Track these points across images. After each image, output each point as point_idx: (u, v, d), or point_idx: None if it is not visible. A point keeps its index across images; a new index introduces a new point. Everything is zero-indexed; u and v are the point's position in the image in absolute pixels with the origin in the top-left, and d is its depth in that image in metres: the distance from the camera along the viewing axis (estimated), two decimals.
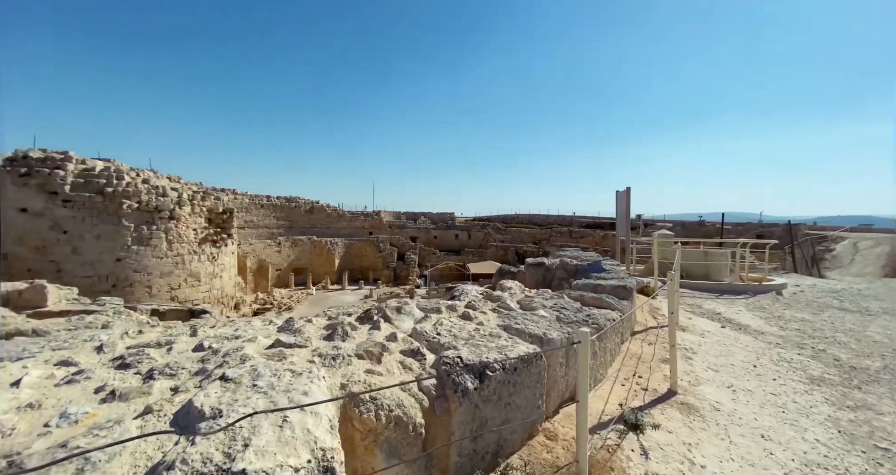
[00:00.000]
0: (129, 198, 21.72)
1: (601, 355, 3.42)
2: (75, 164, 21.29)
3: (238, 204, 35.19)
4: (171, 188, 24.75)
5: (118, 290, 21.40)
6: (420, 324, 2.72)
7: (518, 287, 4.72)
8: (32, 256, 19.59)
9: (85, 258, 20.74)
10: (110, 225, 21.10)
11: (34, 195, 19.48)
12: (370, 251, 39.78)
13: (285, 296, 33.10)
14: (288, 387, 1.53)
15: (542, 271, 7.03)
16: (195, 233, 25.54)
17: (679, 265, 7.44)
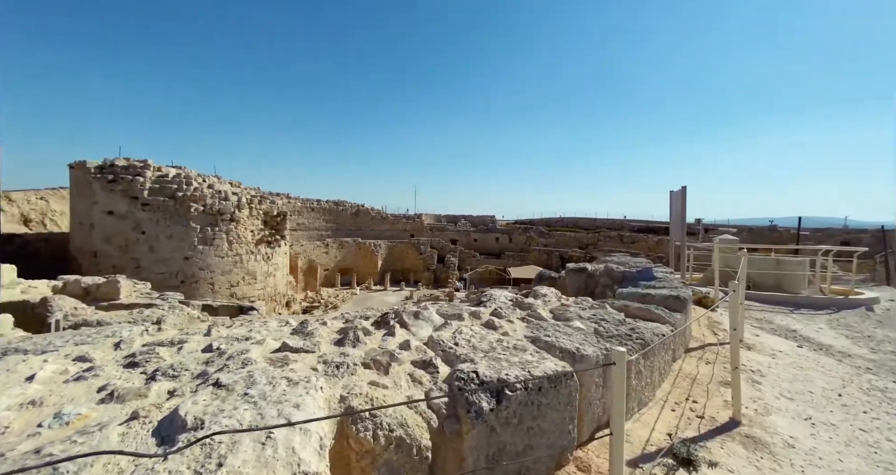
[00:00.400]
0: (196, 201, 23.69)
1: (646, 375, 3.02)
2: (152, 171, 23.59)
3: (291, 207, 37.30)
4: (231, 192, 26.67)
5: (186, 286, 23.39)
6: (438, 331, 2.53)
7: (554, 294, 4.37)
8: (117, 254, 21.97)
9: (159, 256, 22.85)
10: (180, 226, 23.11)
11: (119, 199, 21.82)
12: (411, 253, 40.33)
13: (332, 296, 34.39)
14: (280, 397, 1.42)
15: (584, 277, 6.55)
16: (252, 234, 27.30)
17: (745, 274, 6.60)
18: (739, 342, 4.70)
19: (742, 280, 5.03)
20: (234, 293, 25.47)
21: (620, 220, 39.70)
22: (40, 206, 24.98)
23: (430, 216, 45.39)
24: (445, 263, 39.67)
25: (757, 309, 6.97)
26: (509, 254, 41.50)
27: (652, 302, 4.33)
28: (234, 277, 25.62)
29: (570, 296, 6.46)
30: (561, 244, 40.09)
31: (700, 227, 25.73)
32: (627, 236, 34.37)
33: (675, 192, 6.27)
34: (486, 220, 45.54)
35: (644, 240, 32.78)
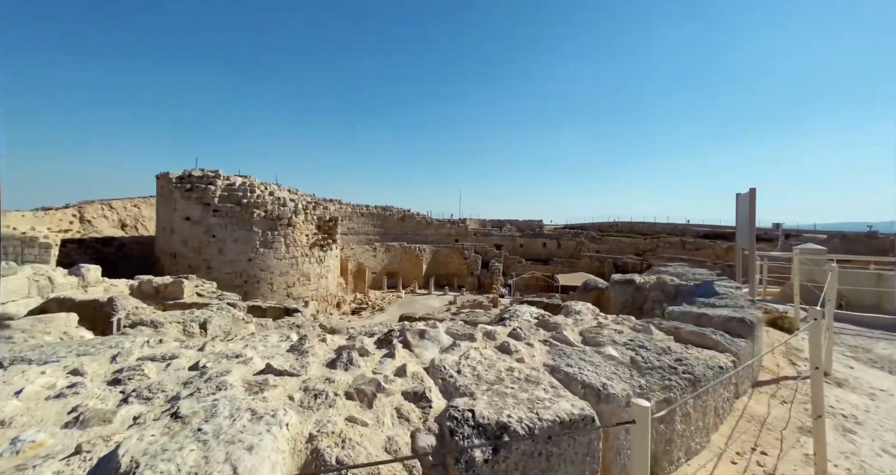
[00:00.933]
0: (259, 207, 25.57)
1: (697, 417, 2.51)
2: (222, 180, 25.86)
3: (342, 212, 39.06)
4: (289, 199, 28.46)
5: (248, 286, 25.25)
6: (444, 354, 2.27)
7: (590, 311, 3.91)
8: (192, 255, 24.29)
9: (227, 258, 24.89)
10: (244, 230, 25.03)
11: (194, 206, 24.15)
12: (455, 258, 40.26)
13: (379, 298, 35.28)
14: (236, 435, 1.27)
15: (632, 291, 5.90)
16: (307, 238, 28.86)
17: (835, 290, 5.56)
18: (825, 377, 3.88)
19: (832, 298, 4.18)
20: (290, 293, 27.04)
21: (683, 225, 36.42)
22: (134, 212, 28.32)
23: (474, 221, 45.10)
24: (490, 269, 39.08)
25: (851, 333, 5.81)
26: (558, 261, 39.89)
27: (709, 324, 3.71)
28: (290, 278, 27.22)
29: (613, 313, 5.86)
30: (615, 250, 37.70)
31: (779, 234, 22.74)
32: (691, 242, 31.41)
33: (742, 195, 5.41)
34: (532, 225, 44.25)
35: (711, 247, 29.73)
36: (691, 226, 35.73)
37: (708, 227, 34.38)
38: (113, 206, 27.98)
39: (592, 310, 3.99)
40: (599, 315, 3.91)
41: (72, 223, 24.74)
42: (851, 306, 6.92)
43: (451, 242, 42.44)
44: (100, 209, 26.98)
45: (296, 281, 27.87)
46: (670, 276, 6.65)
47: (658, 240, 33.88)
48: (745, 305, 4.21)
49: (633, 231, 38.76)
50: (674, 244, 31.87)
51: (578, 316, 3.78)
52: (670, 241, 32.68)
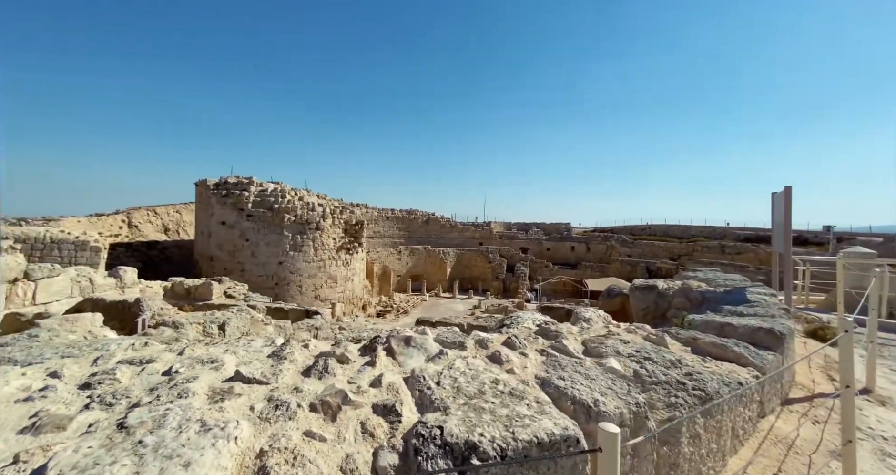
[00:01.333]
0: (289, 212, 26.43)
1: (709, 439, 2.25)
2: (255, 187, 26.95)
3: (368, 217, 39.77)
4: (318, 204, 29.24)
5: (279, 287, 26.12)
6: (429, 363, 2.16)
7: (601, 318, 3.66)
8: (227, 258, 25.41)
9: (259, 261, 25.84)
10: (275, 234, 25.91)
11: (230, 211, 25.27)
12: (480, 261, 39.95)
13: (403, 301, 35.53)
14: (176, 450, 1.22)
15: (654, 297, 5.53)
16: (334, 241, 29.51)
17: (883, 299, 4.98)
18: (868, 394, 3.44)
19: (874, 308, 3.72)
20: (317, 295, 27.72)
21: (722, 228, 34.31)
22: (176, 217, 30.04)
23: (499, 224, 44.61)
24: (515, 273, 38.49)
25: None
26: (587, 265, 38.69)
27: (732, 335, 3.37)
28: (318, 281, 27.90)
29: (635, 321, 5.51)
30: (647, 255, 36.11)
31: (830, 237, 20.92)
32: (731, 246, 29.52)
33: (777, 195, 4.93)
34: (560, 228, 43.22)
35: (754, 251, 27.80)
36: (731, 229, 33.58)
37: (750, 231, 32.18)
38: (157, 211, 29.71)
39: (604, 317, 3.74)
40: (611, 323, 3.66)
41: (121, 228, 26.45)
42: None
43: (476, 246, 42.17)
44: (146, 215, 28.70)
45: (323, 283, 28.52)
46: (698, 282, 6.20)
47: (695, 244, 32.10)
48: (776, 314, 3.81)
49: (667, 234, 36.98)
50: (712, 248, 30.08)
51: (587, 323, 3.55)
52: (708, 245, 30.87)
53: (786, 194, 4.65)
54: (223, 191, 25.62)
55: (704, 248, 30.32)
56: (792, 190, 4.62)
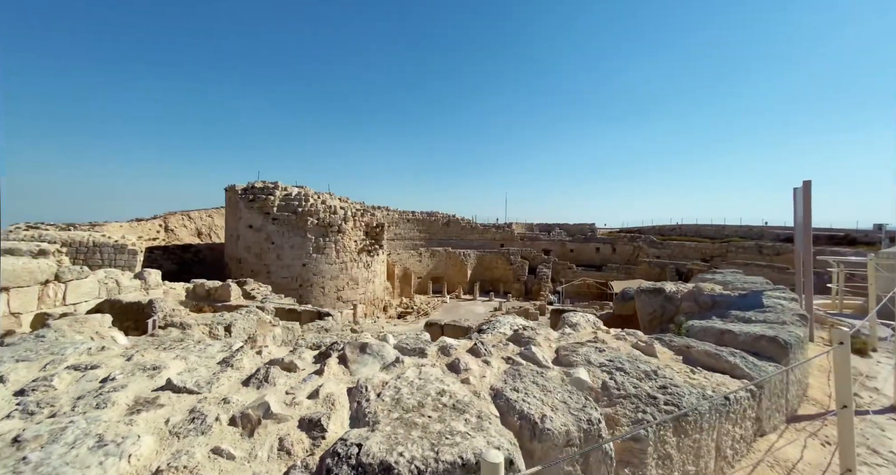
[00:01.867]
0: (312, 215, 27.07)
1: (683, 461, 2.03)
2: (280, 191, 27.81)
3: (389, 219, 40.22)
4: (339, 207, 29.82)
5: (303, 289, 26.80)
6: (382, 372, 2.08)
7: (590, 323, 3.46)
8: (254, 260, 26.33)
9: (284, 263, 26.62)
10: (299, 237, 26.61)
11: (256, 215, 26.18)
12: (501, 263, 39.47)
13: (424, 302, 35.60)
14: (56, 469, 1.17)
15: (661, 301, 5.19)
16: (355, 243, 29.96)
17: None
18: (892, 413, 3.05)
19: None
20: (339, 297, 28.25)
21: (759, 227, 32.18)
22: (208, 221, 31.46)
23: (521, 225, 43.93)
24: (537, 275, 37.73)
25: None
26: (612, 267, 37.40)
27: (732, 343, 3.09)
28: (340, 283, 28.42)
29: (641, 326, 5.21)
30: (678, 256, 34.47)
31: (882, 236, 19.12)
32: (769, 246, 27.65)
33: (798, 190, 4.49)
34: (583, 229, 42.05)
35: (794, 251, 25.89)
36: (770, 228, 31.41)
37: (791, 230, 29.97)
38: (191, 216, 31.14)
39: (593, 322, 3.53)
40: (601, 328, 3.45)
41: (158, 232, 27.91)
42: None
43: (497, 247, 41.74)
44: (180, 219, 30.13)
45: (345, 285, 29.01)
46: (713, 285, 5.79)
47: (729, 245, 30.32)
48: (788, 321, 3.47)
49: (699, 234, 35.15)
50: (748, 249, 28.30)
51: (572, 329, 3.36)
52: (744, 246, 29.07)
53: (805, 189, 4.23)
54: (250, 195, 26.58)
55: (740, 249, 28.56)
56: (811, 184, 4.20)
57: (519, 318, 3.42)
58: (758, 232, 31.44)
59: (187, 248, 28.98)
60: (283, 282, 25.97)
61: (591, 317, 3.59)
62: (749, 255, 27.23)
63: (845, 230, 26.50)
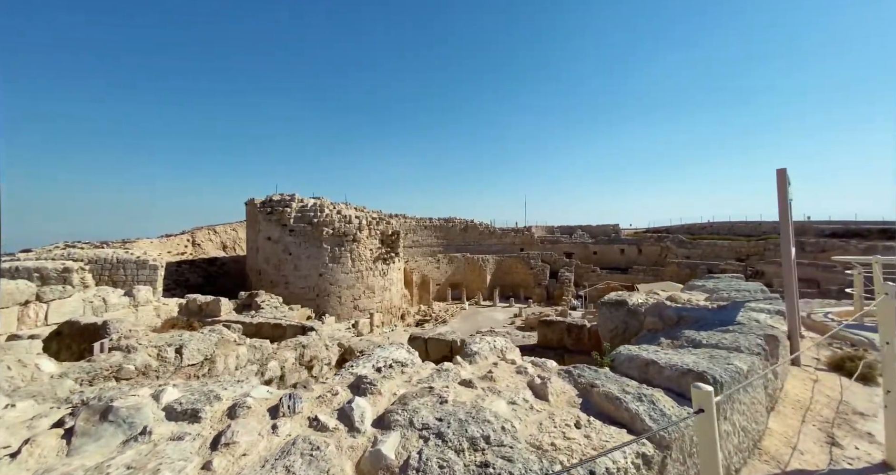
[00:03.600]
0: (327, 226, 27.40)
1: None
2: (297, 203, 28.41)
3: (407, 226, 40.22)
4: (354, 216, 30.05)
5: (320, 299, 27.09)
6: (116, 452, 1.64)
7: (496, 351, 2.87)
8: (273, 272, 26.93)
9: (301, 273, 27.04)
10: (315, 247, 26.97)
11: (274, 227, 26.82)
12: (520, 268, 38.35)
13: (443, 310, 35.19)
14: None
15: (623, 315, 4.45)
16: (371, 252, 30.02)
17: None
18: (884, 473, 2.24)
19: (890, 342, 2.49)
20: (356, 306, 28.32)
21: (800, 223, 29.21)
22: (232, 235, 32.65)
23: (541, 228, 42.59)
24: (559, 279, 36.30)
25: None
26: (638, 269, 35.37)
27: (656, 379, 2.41)
28: (356, 291, 28.52)
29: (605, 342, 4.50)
30: (709, 256, 32.01)
31: None
32: (812, 243, 24.97)
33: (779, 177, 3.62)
34: (607, 230, 40.15)
35: (842, 247, 23.21)
36: (813, 223, 28.36)
37: (838, 224, 26.90)
38: (216, 230, 32.42)
39: (500, 349, 2.93)
40: (506, 358, 2.85)
41: (186, 247, 29.20)
42: None
43: (516, 251, 40.70)
44: (207, 234, 31.42)
45: (361, 294, 29.08)
46: (691, 294, 4.96)
47: (766, 243, 27.73)
48: (744, 346, 2.70)
49: (732, 232, 32.50)
50: None
51: (470, 360, 2.80)
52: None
53: (779, 180, 3.39)
54: (268, 208, 27.30)
55: (777, 246, 25.98)
56: (786, 172, 3.37)
57: (500, 339, 2.89)
58: (799, 228, 28.52)
59: (213, 262, 30.09)
60: (300, 292, 26.37)
61: (500, 342, 3.00)
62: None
63: (886, 223, 23.37)
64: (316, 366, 8.31)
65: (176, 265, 27.19)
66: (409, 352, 2.73)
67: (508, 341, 3.09)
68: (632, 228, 41.48)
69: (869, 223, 24.79)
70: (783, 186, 3.44)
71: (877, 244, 19.58)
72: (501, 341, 2.98)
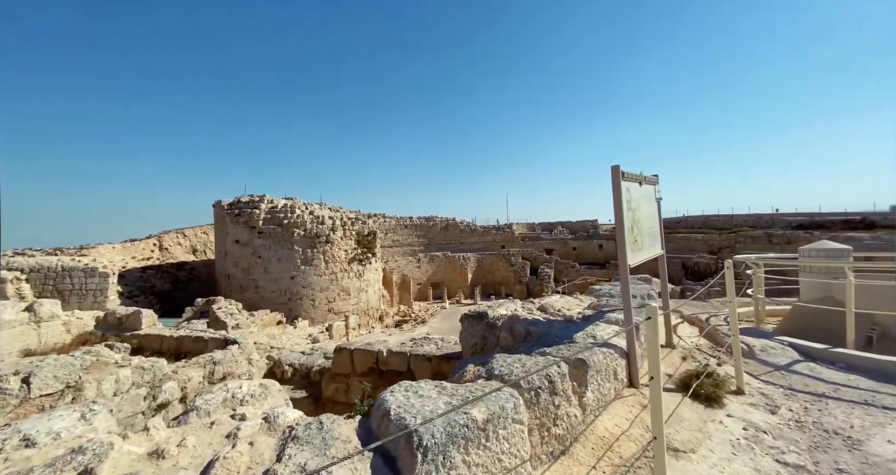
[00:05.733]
0: (298, 227, 26.67)
1: None
2: (266, 204, 27.60)
3: (386, 226, 39.61)
4: (328, 217, 29.30)
5: (292, 302, 26.41)
6: None
7: (233, 402, 2.39)
8: (242, 276, 26.18)
9: (272, 277, 26.30)
10: (286, 250, 26.23)
11: (242, 229, 26.01)
12: (502, 265, 38.01)
13: (423, 310, 34.79)
14: None
15: (482, 330, 3.99)
16: (346, 253, 29.34)
17: (851, 318, 3.16)
18: None
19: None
20: (331, 308, 27.69)
21: (769, 215, 29.09)
22: (203, 238, 31.74)
23: (522, 225, 42.24)
24: (539, 275, 36.03)
25: (852, 402, 3.08)
26: (615, 264, 35.16)
27: (384, 435, 1.95)
28: (330, 294, 27.88)
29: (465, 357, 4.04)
30: (683, 249, 31.84)
31: None
32: (779, 235, 24.83)
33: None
34: (586, 226, 39.93)
35: (807, 239, 23.09)
36: (781, 215, 28.28)
37: (804, 216, 26.83)
38: (186, 234, 31.52)
39: (240, 399, 2.45)
40: (242, 415, 2.37)
41: (153, 251, 28.29)
42: (894, 342, 3.93)
43: (497, 249, 40.30)
44: (175, 237, 30.50)
45: (336, 296, 28.44)
46: (579, 300, 4.53)
47: (737, 236, 27.61)
48: (521, 378, 2.26)
49: (706, 226, 32.34)
50: (757, 238, 25.57)
51: (187, 417, 2.32)
52: (752, 236, 26.32)
53: (613, 177, 2.95)
54: (236, 210, 26.46)
55: (748, 239, 25.86)
56: (619, 169, 2.92)
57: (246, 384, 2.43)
58: (768, 220, 28.42)
59: (182, 266, 29.22)
60: (271, 296, 25.68)
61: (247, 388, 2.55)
62: (758, 246, 24.52)
63: (862, 213, 23.35)
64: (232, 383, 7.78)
65: (140, 271, 26.30)
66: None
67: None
68: (611, 224, 41.29)
69: (833, 214, 24.75)
70: (618, 185, 2.99)
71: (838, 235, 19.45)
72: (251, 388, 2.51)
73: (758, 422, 2.76)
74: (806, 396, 3.16)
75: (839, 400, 3.09)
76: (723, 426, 2.69)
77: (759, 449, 2.47)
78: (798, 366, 3.62)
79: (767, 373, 3.60)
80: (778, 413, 2.91)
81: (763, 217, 29.05)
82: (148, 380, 6.34)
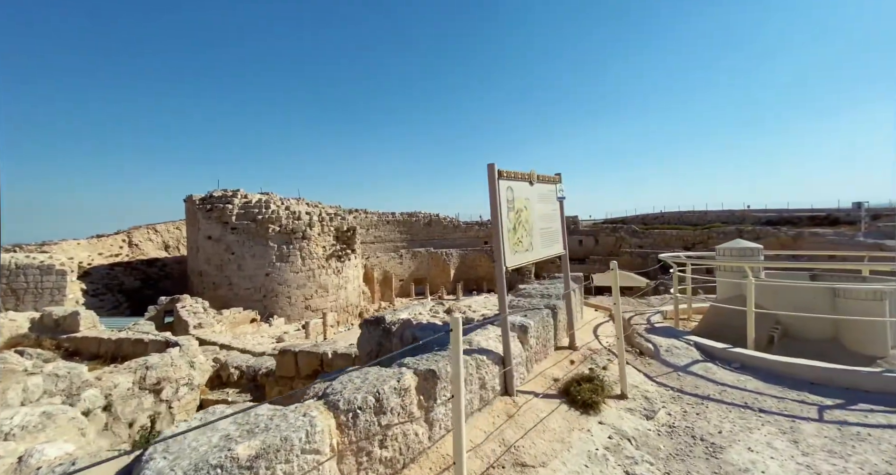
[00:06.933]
0: (273, 223, 25.97)
1: None
2: (240, 199, 26.78)
3: (368, 221, 39.11)
4: (305, 212, 28.56)
5: (268, 299, 25.81)
6: None
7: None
8: (215, 273, 25.52)
9: (246, 273, 25.65)
10: (261, 246, 25.58)
11: (214, 225, 25.23)
12: (484, 261, 37.97)
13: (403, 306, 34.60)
14: None
15: (378, 336, 3.81)
16: (323, 249, 28.72)
17: (752, 318, 3.06)
18: None
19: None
20: (308, 306, 27.18)
21: (741, 211, 29.59)
22: (176, 234, 30.87)
23: None
24: (520, 271, 36.15)
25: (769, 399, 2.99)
26: (595, 259, 35.42)
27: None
28: (307, 291, 27.36)
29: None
30: (659, 244, 32.23)
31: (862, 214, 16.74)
32: (749, 231, 25.27)
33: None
34: (567, 222, 40.05)
35: (775, 234, 23.54)
36: (752, 211, 28.79)
37: (773, 212, 27.36)
38: (157, 229, 30.57)
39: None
40: None
41: (122, 247, 27.38)
42: (796, 339, 3.88)
43: (480, 245, 40.22)
44: (146, 233, 29.55)
45: (313, 293, 27.92)
46: (470, 306, 4.38)
47: (710, 231, 28.02)
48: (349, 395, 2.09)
49: (681, 221, 32.75)
50: (729, 234, 25.98)
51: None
52: (724, 231, 26.74)
53: (489, 175, 2.79)
54: (208, 205, 25.63)
55: (721, 234, 26.27)
56: (495, 168, 2.76)
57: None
58: (739, 216, 28.91)
59: (153, 263, 28.35)
60: (245, 293, 25.09)
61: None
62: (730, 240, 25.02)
63: (827, 210, 23.91)
64: (167, 388, 7.46)
65: (108, 268, 25.45)
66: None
67: None
68: (591, 220, 41.58)
69: (800, 211, 25.29)
70: (493, 183, 2.83)
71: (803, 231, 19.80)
72: None
73: (627, 429, 2.64)
74: (690, 399, 3.07)
75: (721, 402, 2.99)
76: (588, 435, 2.56)
77: (615, 459, 2.35)
78: (695, 366, 3.54)
79: (665, 374, 3.51)
80: (654, 418, 2.81)
81: (735, 213, 29.54)
82: (63, 388, 5.99)
